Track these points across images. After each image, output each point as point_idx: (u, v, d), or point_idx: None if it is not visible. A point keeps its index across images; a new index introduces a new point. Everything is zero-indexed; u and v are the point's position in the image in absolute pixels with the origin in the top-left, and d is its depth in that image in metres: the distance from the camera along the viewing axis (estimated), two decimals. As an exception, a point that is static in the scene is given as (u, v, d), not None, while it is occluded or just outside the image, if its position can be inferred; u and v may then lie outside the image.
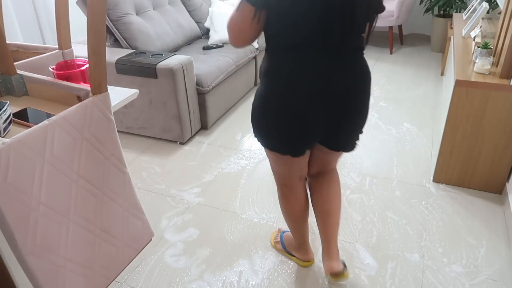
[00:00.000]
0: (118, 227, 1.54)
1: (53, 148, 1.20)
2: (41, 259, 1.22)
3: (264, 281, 1.62)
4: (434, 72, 3.66)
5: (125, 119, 2.62)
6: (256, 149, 2.51)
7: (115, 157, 1.45)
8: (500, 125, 1.91)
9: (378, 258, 1.72)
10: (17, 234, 1.13)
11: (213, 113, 2.74)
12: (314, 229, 1.84)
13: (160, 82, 2.36)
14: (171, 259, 1.73)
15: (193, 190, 2.16)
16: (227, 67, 2.76)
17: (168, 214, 1.99)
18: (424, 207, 2.01)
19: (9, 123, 1.29)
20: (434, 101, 3.10)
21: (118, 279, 1.64)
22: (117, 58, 2.42)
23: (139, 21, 2.68)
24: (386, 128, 2.72)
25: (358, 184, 2.18)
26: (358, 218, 1.94)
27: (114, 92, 1.54)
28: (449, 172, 2.12)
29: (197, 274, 1.66)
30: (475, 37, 2.34)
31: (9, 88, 1.51)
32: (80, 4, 2.53)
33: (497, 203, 2.02)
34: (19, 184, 1.11)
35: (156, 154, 2.49)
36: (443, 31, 4.01)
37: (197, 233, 1.87)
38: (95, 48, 1.26)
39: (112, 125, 1.41)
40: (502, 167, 2.00)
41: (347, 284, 1.60)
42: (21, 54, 1.79)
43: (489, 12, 2.92)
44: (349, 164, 2.35)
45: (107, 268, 1.52)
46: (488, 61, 1.95)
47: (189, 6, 3.30)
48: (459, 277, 1.62)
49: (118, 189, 1.50)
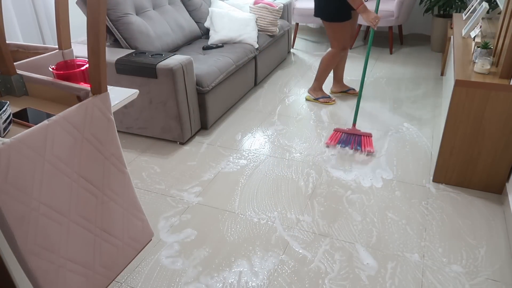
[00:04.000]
0: (118, 227, 1.54)
1: (53, 148, 1.20)
2: (41, 259, 1.22)
3: (264, 282, 1.62)
4: (434, 72, 3.66)
5: (125, 119, 2.62)
6: (256, 149, 2.52)
7: (115, 157, 1.45)
8: (500, 125, 1.92)
9: (378, 258, 1.72)
10: (17, 234, 1.13)
11: (213, 113, 2.75)
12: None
13: (160, 82, 2.36)
14: (171, 260, 1.73)
15: (193, 190, 2.16)
16: (227, 67, 2.76)
17: (168, 214, 1.99)
18: (424, 207, 2.01)
19: (9, 123, 1.29)
20: (434, 101, 3.11)
21: (118, 279, 1.64)
22: (117, 58, 2.42)
23: (139, 21, 2.68)
24: (386, 128, 2.72)
25: (358, 184, 2.18)
26: (358, 218, 1.94)
27: (114, 92, 1.54)
28: (449, 172, 2.12)
29: (196, 274, 1.66)
30: (475, 37, 2.34)
31: (9, 88, 1.51)
32: (80, 4, 2.53)
33: (497, 203, 2.02)
34: (19, 184, 1.11)
35: (156, 154, 2.49)
36: (443, 31, 4.01)
37: (196, 233, 1.87)
38: (95, 48, 1.26)
39: (112, 125, 1.41)
40: (502, 167, 2.01)
41: (347, 284, 1.60)
42: (21, 54, 1.79)
43: (489, 12, 2.92)
44: (349, 164, 2.35)
45: (107, 268, 1.52)
46: (488, 61, 1.95)
47: (189, 6, 3.30)
48: (459, 277, 1.62)
49: (118, 189, 1.50)
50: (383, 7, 3.96)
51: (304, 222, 1.92)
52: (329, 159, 2.41)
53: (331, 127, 2.76)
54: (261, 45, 3.26)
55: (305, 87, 3.41)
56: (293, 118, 2.91)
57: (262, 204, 2.05)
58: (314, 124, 2.81)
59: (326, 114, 2.95)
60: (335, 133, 2.63)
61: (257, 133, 2.71)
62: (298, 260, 1.72)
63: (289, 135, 2.68)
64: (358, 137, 2.58)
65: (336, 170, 2.30)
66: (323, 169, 2.31)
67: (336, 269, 1.67)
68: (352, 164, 2.35)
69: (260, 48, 3.25)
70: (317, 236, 1.84)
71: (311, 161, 2.39)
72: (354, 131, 2.62)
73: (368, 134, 2.59)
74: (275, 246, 1.79)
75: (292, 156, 2.44)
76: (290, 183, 2.20)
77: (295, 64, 3.96)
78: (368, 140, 2.54)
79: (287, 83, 3.50)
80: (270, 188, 2.16)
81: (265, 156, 2.45)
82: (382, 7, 3.95)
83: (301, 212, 1.99)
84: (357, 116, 2.64)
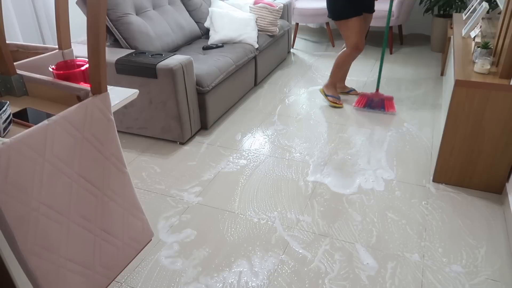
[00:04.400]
0: (118, 227, 1.54)
1: (53, 148, 1.20)
2: (41, 259, 1.22)
3: (264, 282, 1.62)
4: (434, 72, 3.66)
5: (125, 119, 2.62)
6: (256, 149, 2.52)
7: (115, 157, 1.45)
8: (500, 125, 1.92)
9: (378, 258, 1.72)
10: (17, 234, 1.13)
11: (213, 113, 2.75)
12: (314, 229, 1.84)
13: (160, 82, 2.36)
14: (172, 260, 1.73)
15: (193, 190, 2.16)
16: (227, 67, 2.76)
17: (168, 214, 1.99)
18: (424, 207, 2.01)
19: (9, 123, 1.29)
20: (434, 101, 3.11)
21: (118, 279, 1.64)
22: (117, 58, 2.42)
23: (139, 21, 2.68)
24: (386, 128, 2.72)
25: (358, 184, 2.18)
26: (358, 218, 1.94)
27: (114, 92, 1.54)
28: (449, 172, 2.12)
29: (196, 274, 1.66)
30: (475, 37, 2.34)
31: (9, 88, 1.51)
32: (80, 4, 2.53)
33: (497, 203, 2.02)
34: (19, 184, 1.11)
35: (156, 154, 2.49)
36: (443, 31, 4.01)
37: (196, 233, 1.87)
38: (95, 48, 1.26)
39: (112, 125, 1.41)
40: (502, 167, 2.01)
41: (347, 284, 1.60)
42: (21, 54, 1.79)
43: (489, 12, 2.92)
44: (349, 164, 2.35)
45: (107, 268, 1.52)
46: (488, 61, 1.95)
47: (189, 6, 3.30)
48: (459, 277, 1.62)
49: (118, 189, 1.50)
50: (382, 7, 3.96)
51: (304, 222, 1.92)
52: (330, 159, 2.41)
53: (331, 127, 2.76)
54: (261, 45, 3.26)
55: (305, 87, 3.41)
56: (293, 118, 2.91)
57: (262, 204, 2.05)
58: (314, 124, 2.81)
59: (327, 113, 2.95)
60: (361, 97, 2.98)
61: (257, 133, 2.71)
62: (298, 260, 1.72)
63: (289, 135, 2.68)
64: (381, 101, 2.94)
65: (336, 170, 2.30)
66: (323, 169, 2.31)
67: (336, 269, 1.67)
68: (353, 164, 2.35)
69: (260, 48, 3.25)
70: (317, 236, 1.84)
71: (311, 161, 2.39)
72: (377, 95, 2.95)
73: (390, 98, 2.93)
74: (275, 246, 1.79)
75: (292, 156, 2.44)
76: (290, 183, 2.20)
77: (295, 64, 3.96)
78: (390, 103, 2.91)
79: (287, 83, 3.50)
80: (270, 188, 2.16)
81: (265, 156, 2.45)
82: (381, 7, 3.95)
83: (301, 212, 1.99)
84: (379, 82, 2.95)
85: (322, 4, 4.24)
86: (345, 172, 2.28)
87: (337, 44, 4.53)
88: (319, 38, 4.78)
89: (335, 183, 2.19)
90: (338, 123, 2.81)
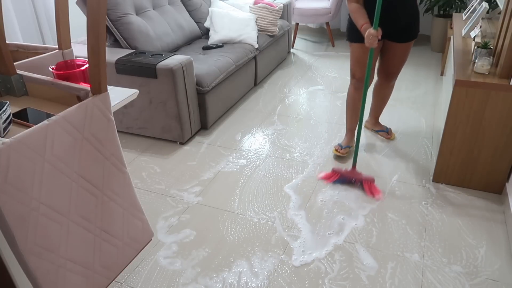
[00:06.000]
0: (118, 227, 1.54)
1: (53, 148, 1.20)
2: (41, 259, 1.22)
3: (264, 282, 1.62)
4: (434, 72, 3.66)
5: (125, 119, 2.62)
6: (256, 149, 2.52)
7: (115, 157, 1.45)
8: (500, 125, 1.92)
9: (378, 258, 1.72)
10: (17, 234, 1.13)
11: (213, 113, 2.75)
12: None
13: (160, 82, 2.36)
14: (172, 260, 1.73)
15: (193, 190, 2.16)
16: (227, 67, 2.76)
17: (168, 214, 1.99)
18: (424, 207, 2.01)
19: (9, 123, 1.29)
20: (434, 101, 3.11)
21: (118, 279, 1.64)
22: (117, 58, 2.42)
23: (139, 21, 2.68)
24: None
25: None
26: (358, 217, 1.94)
27: (114, 92, 1.54)
28: (449, 172, 2.12)
29: (195, 275, 1.66)
30: (475, 37, 2.34)
31: (9, 88, 1.51)
32: (80, 4, 2.53)
33: (497, 203, 2.02)
34: (19, 184, 1.11)
35: (156, 154, 2.49)
36: (443, 31, 4.01)
37: (196, 233, 1.87)
38: (95, 48, 1.26)
39: (112, 125, 1.41)
40: (502, 167, 2.01)
41: (347, 284, 1.60)
42: (21, 54, 1.79)
43: (489, 12, 2.92)
44: (349, 164, 2.35)
45: (107, 268, 1.52)
46: (488, 61, 1.95)
47: (189, 6, 3.30)
48: (459, 277, 1.62)
49: (118, 189, 1.50)
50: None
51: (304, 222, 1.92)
52: (330, 159, 2.41)
53: (331, 127, 2.76)
54: (261, 45, 3.26)
55: (305, 87, 3.41)
56: (293, 118, 2.91)
57: (262, 204, 2.05)
58: (314, 124, 2.81)
59: (327, 113, 2.95)
60: (332, 173, 2.21)
61: (257, 133, 2.71)
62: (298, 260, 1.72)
63: (289, 135, 2.68)
64: (359, 182, 2.17)
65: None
66: (323, 169, 2.31)
67: (336, 269, 1.67)
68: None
69: (260, 48, 3.25)
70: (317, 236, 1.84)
71: (310, 161, 2.39)
72: (353, 173, 2.17)
73: (371, 179, 2.13)
74: (275, 246, 1.79)
75: (292, 156, 2.44)
76: (290, 183, 2.20)
77: (295, 64, 3.96)
78: (371, 186, 2.12)
79: (287, 83, 3.50)
80: (270, 188, 2.16)
81: (265, 156, 2.45)
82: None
83: (301, 212, 1.99)
84: (357, 155, 2.18)
85: (322, 4, 4.24)
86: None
87: (337, 44, 4.53)
88: (319, 38, 4.78)
89: (335, 183, 2.19)
90: (338, 123, 2.81)
